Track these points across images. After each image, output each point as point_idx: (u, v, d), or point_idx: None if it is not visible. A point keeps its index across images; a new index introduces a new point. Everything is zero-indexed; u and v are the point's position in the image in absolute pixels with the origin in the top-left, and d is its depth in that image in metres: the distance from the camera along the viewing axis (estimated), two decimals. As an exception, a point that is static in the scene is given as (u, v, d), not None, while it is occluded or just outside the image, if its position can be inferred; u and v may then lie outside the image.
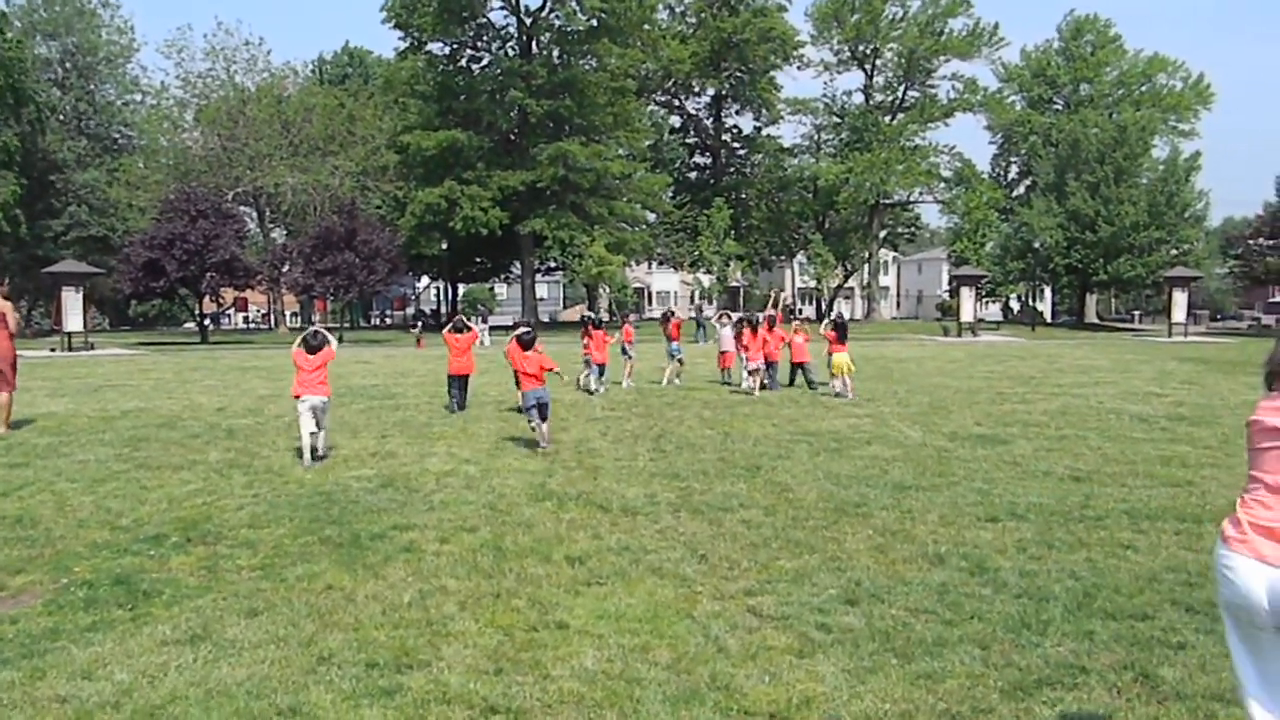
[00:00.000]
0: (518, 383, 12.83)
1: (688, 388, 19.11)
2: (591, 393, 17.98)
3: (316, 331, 11.03)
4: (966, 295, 46.01)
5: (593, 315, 21.52)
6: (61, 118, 62.30)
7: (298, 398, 10.58)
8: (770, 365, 18.24)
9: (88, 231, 58.14)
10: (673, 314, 22.27)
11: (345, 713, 4.46)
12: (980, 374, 22.52)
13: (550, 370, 11.99)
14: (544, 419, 11.56)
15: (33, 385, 20.28)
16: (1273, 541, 3.35)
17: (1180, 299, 44.59)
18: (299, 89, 59.52)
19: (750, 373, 17.70)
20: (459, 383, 15.46)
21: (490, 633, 5.39)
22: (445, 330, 16.10)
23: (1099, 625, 5.47)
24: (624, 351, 20.45)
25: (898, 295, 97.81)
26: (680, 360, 20.35)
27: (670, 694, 4.63)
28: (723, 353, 20.37)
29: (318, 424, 10.65)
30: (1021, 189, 74.77)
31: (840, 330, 17.50)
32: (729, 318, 21.06)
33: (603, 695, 4.61)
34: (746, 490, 8.97)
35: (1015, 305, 70.70)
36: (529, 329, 12.62)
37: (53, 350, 34.74)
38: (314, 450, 10.60)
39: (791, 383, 18.99)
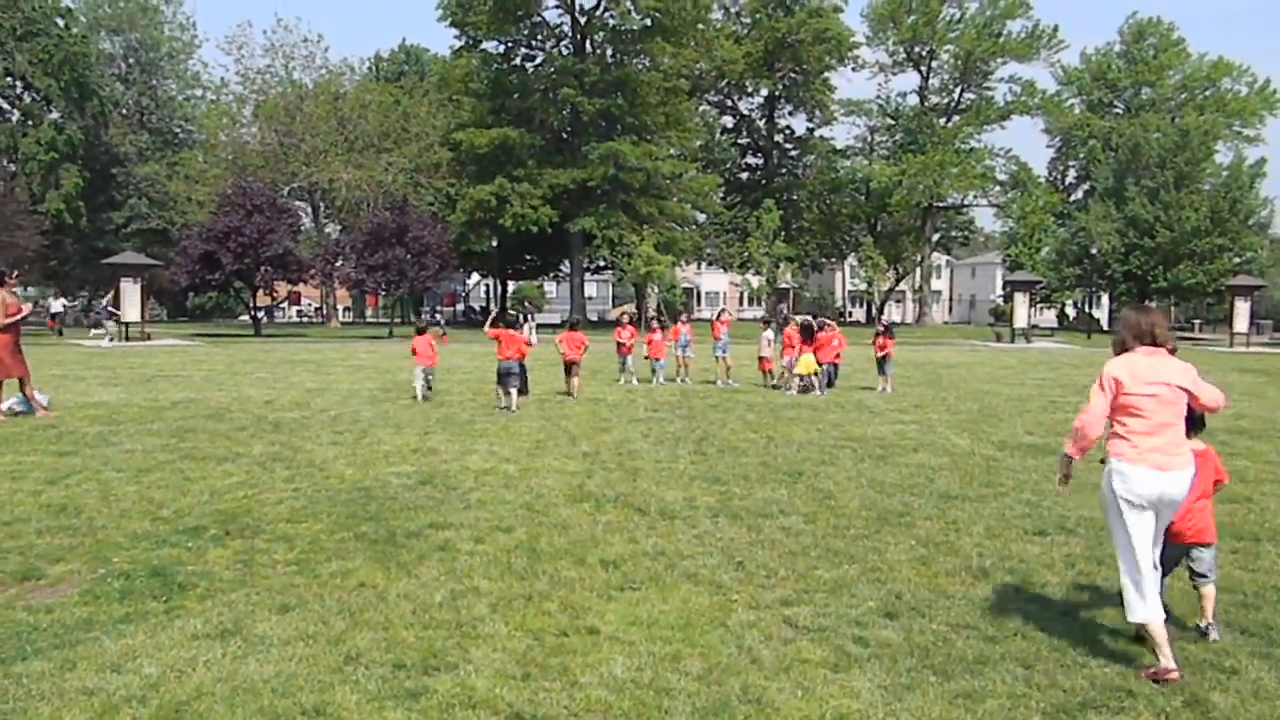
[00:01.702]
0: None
1: (731, 390, 18.99)
2: (641, 380, 19.49)
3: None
4: (1020, 301, 45.26)
5: (634, 313, 21.92)
6: (124, 112, 63.65)
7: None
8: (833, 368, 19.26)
9: (147, 224, 59.33)
10: (724, 312, 22.34)
11: (369, 714, 4.41)
12: (1032, 381, 22.12)
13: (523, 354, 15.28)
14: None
15: (87, 375, 20.69)
16: (1159, 456, 5.09)
17: (1243, 308, 43.46)
18: (355, 86, 60.23)
19: (798, 374, 18.45)
20: (513, 369, 15.30)
21: (520, 636, 5.32)
22: (489, 326, 16.68)
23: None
24: (683, 350, 20.73)
25: (950, 300, 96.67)
26: (724, 359, 20.40)
27: (700, 706, 4.52)
28: (761, 357, 20.30)
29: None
30: (1079, 193, 73.57)
31: (805, 332, 18.77)
32: (767, 322, 21.47)
33: (630, 705, 4.52)
34: (787, 496, 8.84)
35: (1071, 312, 69.49)
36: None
37: (110, 340, 35.41)
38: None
39: (830, 384, 19.21)
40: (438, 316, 46.03)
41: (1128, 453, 5.13)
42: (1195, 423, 5.48)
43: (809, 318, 21.37)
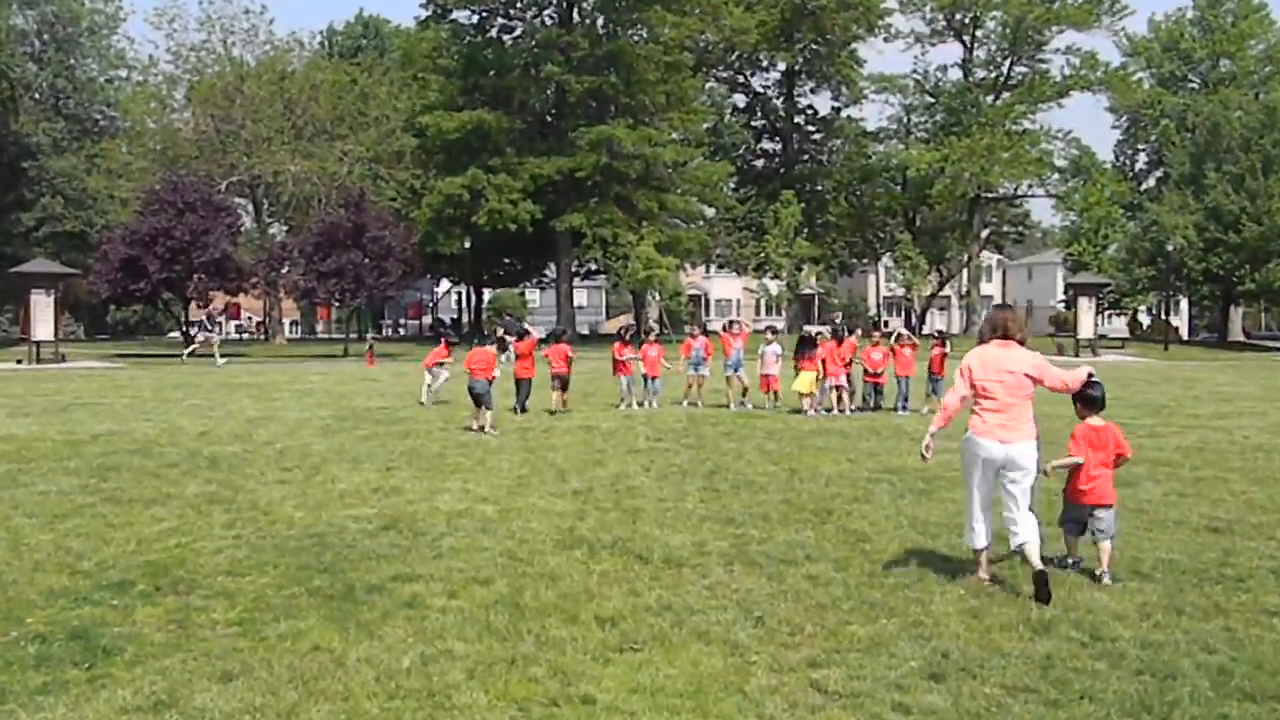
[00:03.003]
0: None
1: (748, 415, 19.01)
2: (642, 404, 20.07)
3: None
4: (1085, 307, 45.43)
5: (632, 325, 22.36)
6: (36, 96, 63.88)
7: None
8: (876, 387, 20.12)
9: (62, 226, 59.44)
10: (735, 324, 22.43)
11: (327, 800, 4.42)
12: (1099, 402, 22.14)
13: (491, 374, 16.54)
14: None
15: (-7, 403, 20.69)
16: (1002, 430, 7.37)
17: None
18: (305, 63, 60.48)
19: (835, 388, 19.45)
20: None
21: (502, 707, 5.33)
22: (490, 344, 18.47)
23: (1236, 709, 5.30)
24: (695, 368, 21.02)
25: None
26: (737, 379, 20.50)
27: (713, 786, 4.53)
28: (765, 375, 20.37)
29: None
30: (1151, 181, 73.87)
31: (803, 345, 19.72)
32: (775, 332, 21.82)
33: (632, 786, 4.52)
34: (814, 539, 8.85)
35: (1144, 319, 69.63)
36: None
37: (19, 362, 35.50)
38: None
39: (876, 407, 19.48)
40: (370, 336, 45.85)
41: (978, 426, 7.48)
42: (1095, 403, 8.05)
43: (809, 333, 21.90)
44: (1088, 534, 7.88)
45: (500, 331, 20.49)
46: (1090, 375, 8.00)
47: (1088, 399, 8.03)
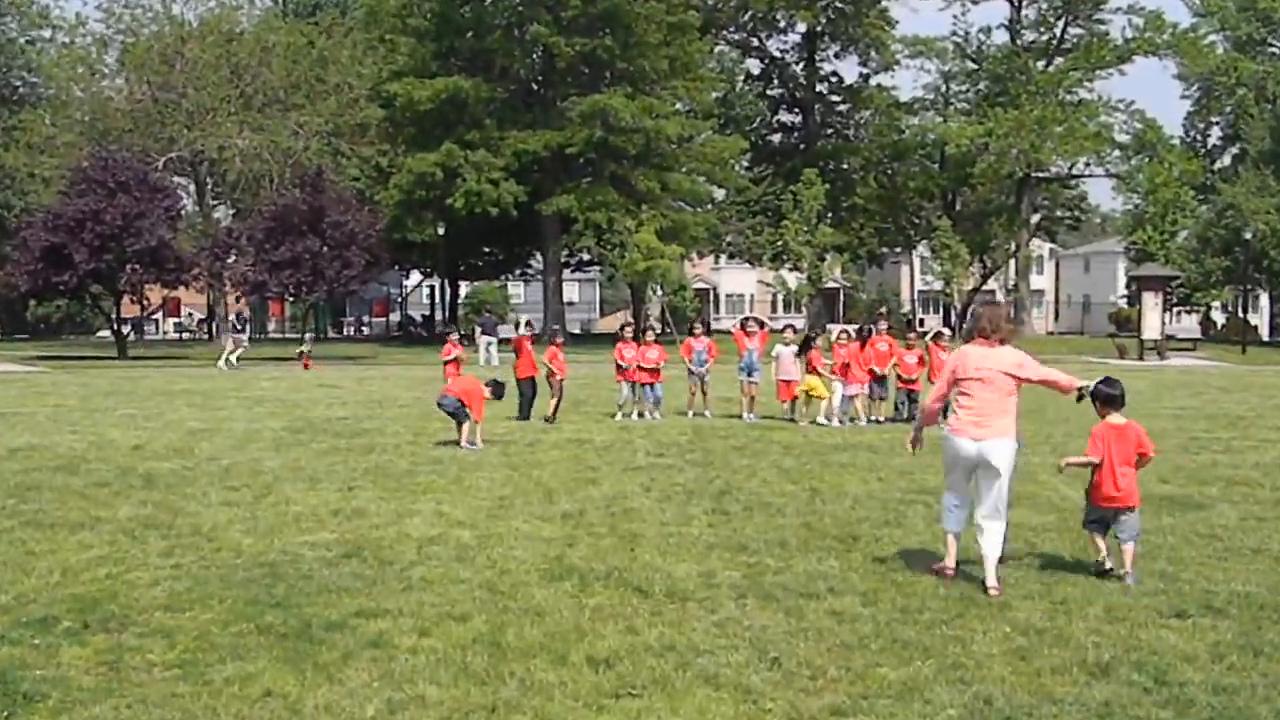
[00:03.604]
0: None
1: (763, 427, 19.01)
2: (641, 415, 20.19)
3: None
4: (1151, 303, 45.45)
5: (634, 323, 22.44)
6: (-55, 61, 63.85)
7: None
8: (910, 394, 20.23)
9: (-27, 209, 59.40)
10: (751, 322, 22.37)
11: None
12: (1168, 411, 22.15)
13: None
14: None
15: (-103, 412, 20.67)
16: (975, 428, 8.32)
17: None
18: (255, 23, 60.52)
19: (849, 397, 19.57)
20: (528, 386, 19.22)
21: (481, 761, 5.33)
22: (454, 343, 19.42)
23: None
24: (691, 372, 21.02)
25: (1056, 302, 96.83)
26: (751, 384, 20.49)
27: None
28: (783, 381, 20.31)
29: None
30: (1226, 159, 73.93)
31: (807, 346, 19.92)
32: (796, 331, 21.85)
33: None
34: (839, 569, 8.86)
35: (1218, 318, 69.67)
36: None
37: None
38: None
39: (910, 417, 19.42)
40: (308, 337, 45.70)
41: (953, 423, 8.52)
42: (1115, 400, 8.79)
43: (814, 331, 21.94)
44: (1110, 535, 8.62)
45: (478, 330, 20.53)
46: (1085, 386, 8.72)
47: (1107, 397, 8.79)
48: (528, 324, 20.87)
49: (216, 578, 8.57)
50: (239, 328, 41.36)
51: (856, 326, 23.69)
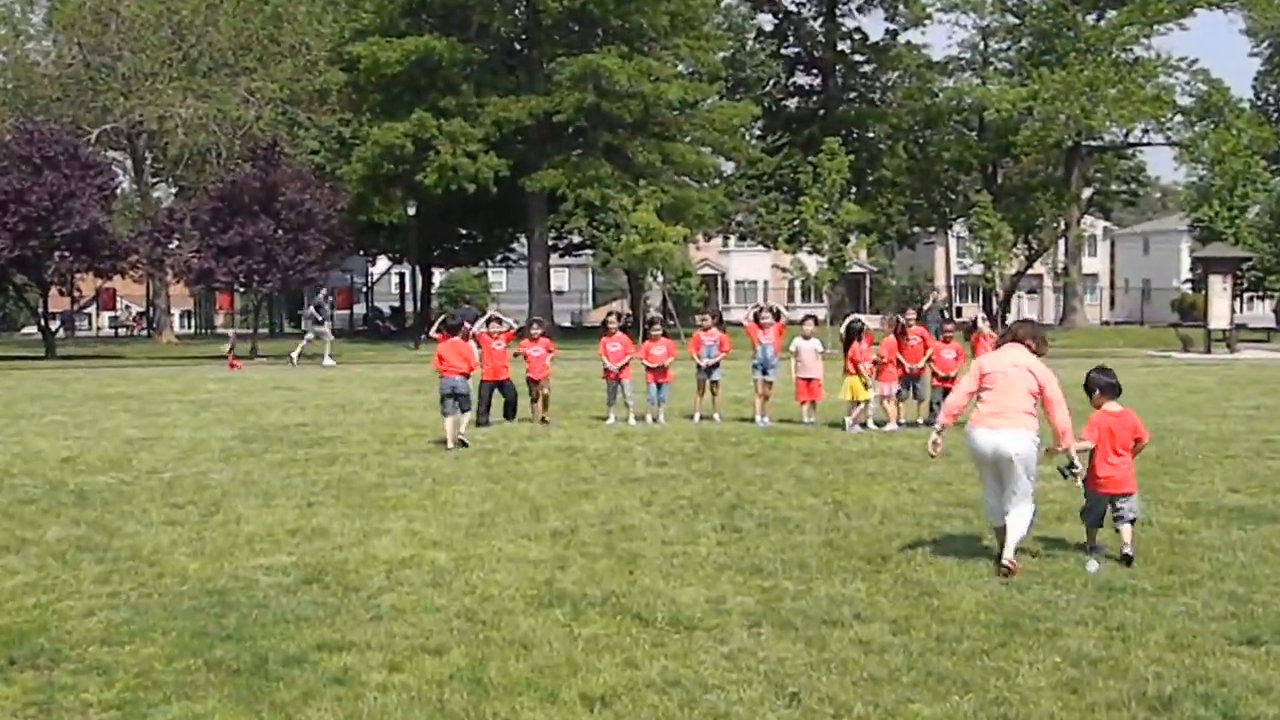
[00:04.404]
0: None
1: (780, 432, 19.02)
2: (641, 419, 20.27)
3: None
4: (1219, 288, 45.35)
5: (626, 314, 22.43)
6: None
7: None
8: (947, 393, 19.77)
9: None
10: (766, 311, 22.23)
11: None
12: (1239, 411, 22.13)
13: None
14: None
15: None
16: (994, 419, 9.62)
17: None
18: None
19: (883, 398, 19.65)
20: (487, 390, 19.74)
21: (460, 813, 5.33)
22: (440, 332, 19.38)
23: None
24: (700, 369, 20.94)
25: (1111, 287, 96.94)
26: (767, 383, 20.44)
27: None
28: (804, 380, 20.25)
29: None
30: (1303, 124, 73.73)
31: (853, 336, 19.78)
32: (814, 323, 21.71)
33: None
34: (866, 593, 8.86)
35: (1295, 304, 69.67)
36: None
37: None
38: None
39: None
40: (231, 333, 45.59)
41: (973, 416, 9.82)
42: (1112, 389, 10.13)
43: (859, 319, 21.68)
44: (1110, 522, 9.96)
45: (463, 322, 20.39)
46: (1076, 469, 9.75)
47: (1105, 385, 10.13)
48: (491, 319, 20.78)
49: (159, 607, 8.58)
50: (320, 319, 41.17)
51: (886, 317, 23.61)
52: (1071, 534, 10.68)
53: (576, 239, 67.83)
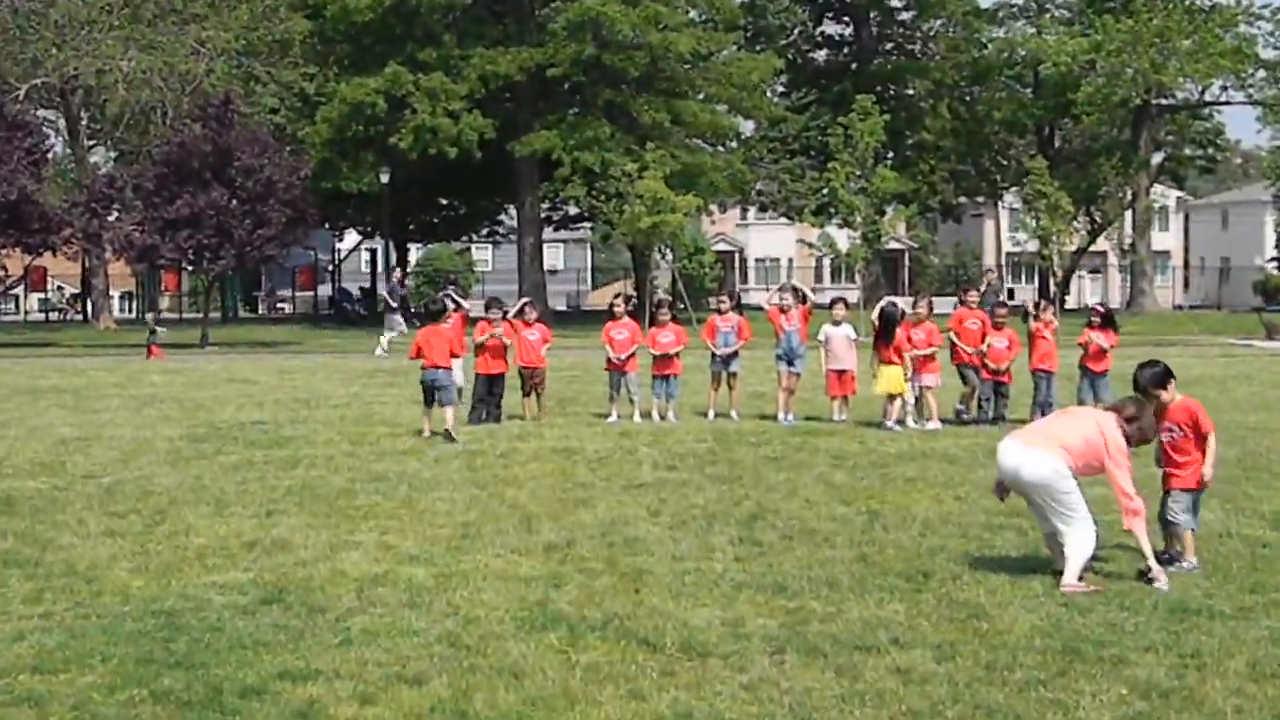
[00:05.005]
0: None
1: (806, 431, 19.01)
2: (648, 415, 20.27)
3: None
4: (1307, 268, 45.29)
5: (631, 295, 22.39)
6: None
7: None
8: (999, 387, 20.13)
9: None
10: (790, 293, 22.20)
11: None
12: (1330, 409, 22.13)
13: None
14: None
15: None
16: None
17: None
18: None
19: (926, 388, 19.77)
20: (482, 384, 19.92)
21: None
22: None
23: None
24: (715, 359, 20.91)
25: (1185, 267, 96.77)
26: (793, 375, 20.43)
27: None
28: (836, 372, 20.22)
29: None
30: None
31: (889, 325, 19.65)
32: (847, 305, 21.56)
33: None
34: (905, 615, 8.86)
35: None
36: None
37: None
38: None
39: (998, 418, 19.60)
40: (149, 317, 45.45)
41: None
42: (1162, 377, 10.36)
43: (894, 302, 21.59)
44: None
45: (446, 306, 20.33)
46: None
47: (1154, 377, 10.43)
48: (444, 297, 20.92)
49: (98, 630, 8.56)
50: (394, 304, 41.38)
51: (922, 298, 23.51)
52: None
53: (573, 211, 67.78)
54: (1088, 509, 9.71)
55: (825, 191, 60.03)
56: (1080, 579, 9.43)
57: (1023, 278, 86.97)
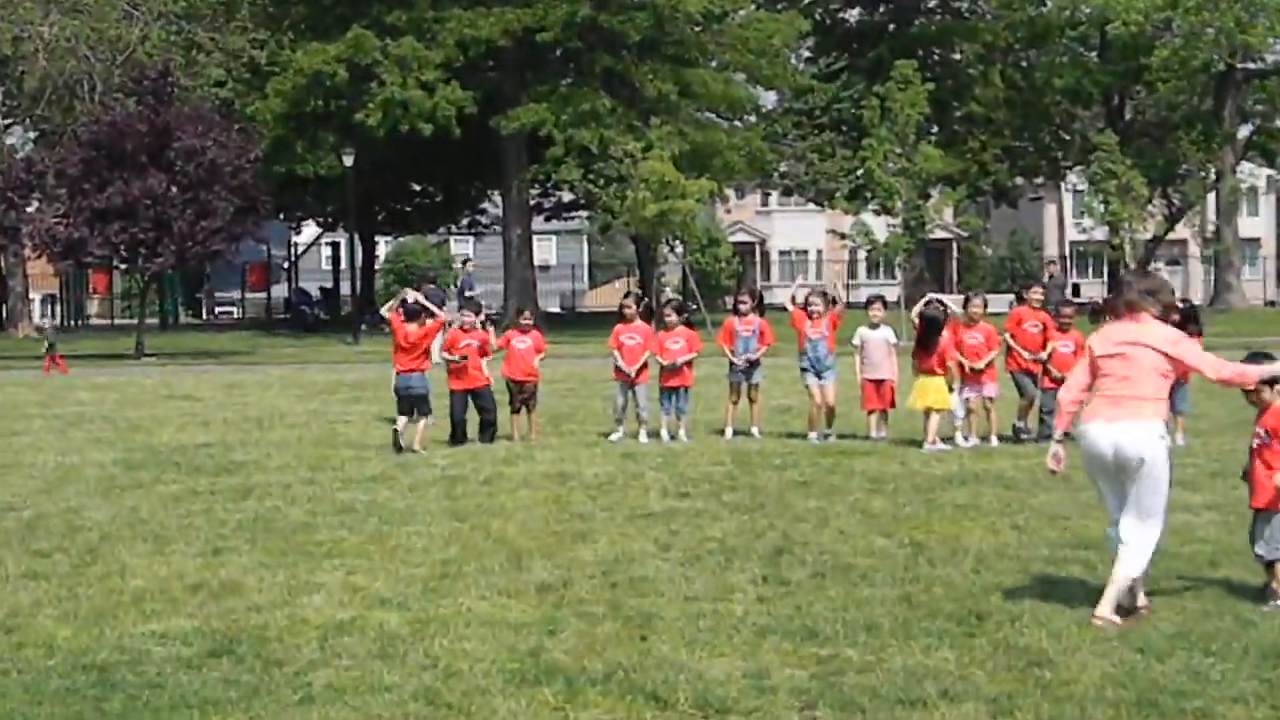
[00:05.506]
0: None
1: (839, 451, 19.02)
2: (656, 434, 20.31)
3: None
4: None
5: (641, 295, 22.33)
6: None
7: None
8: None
9: None
10: (816, 294, 22.17)
11: None
12: None
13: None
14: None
15: None
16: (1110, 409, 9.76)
17: None
18: None
19: (988, 398, 19.85)
20: (459, 402, 19.97)
21: None
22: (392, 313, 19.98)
23: None
24: (734, 369, 20.90)
25: (1277, 257, 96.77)
26: (822, 385, 20.36)
27: None
28: (873, 382, 20.17)
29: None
30: None
31: (932, 329, 19.55)
32: (882, 307, 21.46)
33: None
34: (955, 663, 8.86)
35: None
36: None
37: None
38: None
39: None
40: (43, 321, 45.25)
41: (1085, 412, 9.93)
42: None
43: (938, 303, 21.36)
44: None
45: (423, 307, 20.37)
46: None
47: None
48: (406, 298, 20.71)
49: (19, 686, 8.57)
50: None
51: (974, 295, 23.31)
52: (1230, 578, 10.69)
53: (567, 197, 67.84)
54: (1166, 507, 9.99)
55: (860, 173, 60.15)
56: (1116, 608, 9.60)
57: (1089, 271, 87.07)
